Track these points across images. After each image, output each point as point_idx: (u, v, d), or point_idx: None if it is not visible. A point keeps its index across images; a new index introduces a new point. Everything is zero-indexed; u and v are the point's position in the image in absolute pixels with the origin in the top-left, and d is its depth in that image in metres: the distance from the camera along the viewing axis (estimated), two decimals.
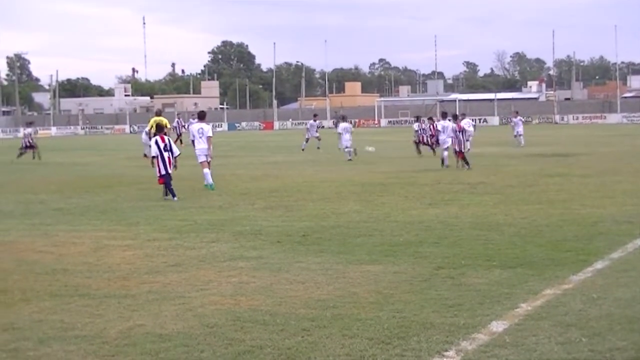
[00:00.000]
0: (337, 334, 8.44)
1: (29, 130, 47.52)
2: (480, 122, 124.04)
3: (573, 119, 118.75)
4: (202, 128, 26.35)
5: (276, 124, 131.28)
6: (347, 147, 39.31)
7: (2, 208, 20.91)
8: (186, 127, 57.35)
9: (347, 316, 9.12)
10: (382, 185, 24.96)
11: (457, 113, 39.36)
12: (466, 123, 34.51)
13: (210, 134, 26.21)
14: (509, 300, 9.68)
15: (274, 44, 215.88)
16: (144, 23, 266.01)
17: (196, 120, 28.84)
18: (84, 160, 44.66)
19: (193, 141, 28.26)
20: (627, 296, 9.73)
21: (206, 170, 25.67)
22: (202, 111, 28.63)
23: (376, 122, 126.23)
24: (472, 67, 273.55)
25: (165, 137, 23.38)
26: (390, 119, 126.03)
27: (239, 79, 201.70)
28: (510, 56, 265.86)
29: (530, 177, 26.76)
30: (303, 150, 48.86)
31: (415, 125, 45.20)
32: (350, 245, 14.02)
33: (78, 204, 21.54)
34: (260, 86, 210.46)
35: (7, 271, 12.32)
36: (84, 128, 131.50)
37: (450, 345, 7.98)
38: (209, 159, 26.10)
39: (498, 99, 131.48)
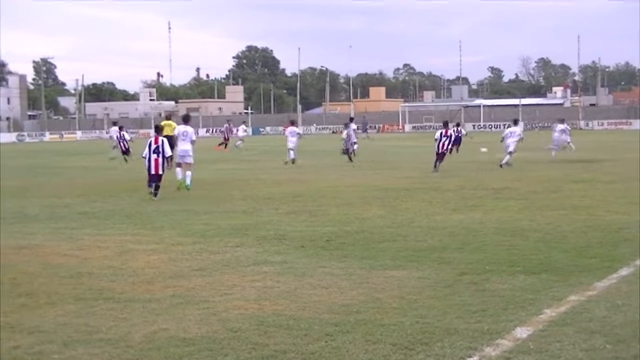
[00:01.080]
0: (360, 339, 8.44)
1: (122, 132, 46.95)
2: (505, 127, 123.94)
3: (598, 125, 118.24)
4: (186, 131, 27.85)
5: (300, 129, 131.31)
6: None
7: (28, 212, 21.01)
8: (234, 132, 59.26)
9: (371, 321, 9.12)
10: (405, 191, 24.93)
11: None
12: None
13: (194, 138, 27.82)
14: (533, 306, 9.65)
15: (299, 48, 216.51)
16: (169, 27, 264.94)
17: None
18: (108, 164, 44.78)
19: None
20: None
21: (178, 169, 27.17)
22: (187, 115, 30.30)
23: (400, 127, 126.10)
24: (496, 72, 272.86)
25: (160, 139, 24.51)
26: (414, 124, 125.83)
27: (264, 83, 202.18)
28: (535, 62, 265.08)
29: (555, 183, 26.67)
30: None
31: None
32: (373, 250, 14.01)
33: (103, 207, 21.63)
34: (285, 91, 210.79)
35: (33, 274, 12.39)
36: (109, 132, 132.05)
37: (474, 351, 7.96)
38: (190, 161, 27.36)
39: (523, 105, 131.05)
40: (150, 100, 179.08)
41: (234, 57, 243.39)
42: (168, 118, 43.92)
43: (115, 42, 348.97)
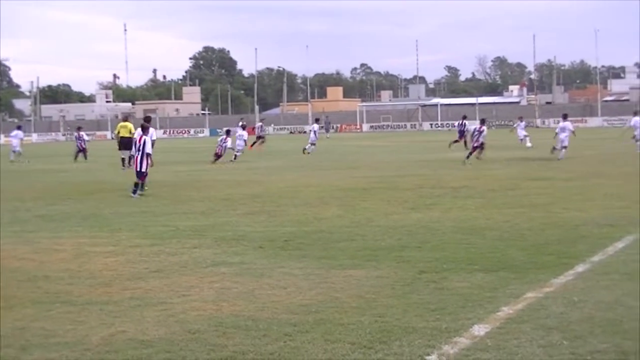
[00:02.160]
0: (319, 338, 8.44)
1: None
2: (457, 124, 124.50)
3: (554, 123, 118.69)
4: (140, 132, 27.42)
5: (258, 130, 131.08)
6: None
7: None
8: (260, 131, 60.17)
9: (330, 321, 9.13)
10: (364, 190, 24.98)
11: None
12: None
13: (154, 138, 29.45)
14: (491, 304, 9.71)
15: (256, 49, 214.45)
16: (125, 29, 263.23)
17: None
18: (65, 167, 44.49)
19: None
20: (608, 299, 9.77)
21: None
22: (148, 116, 30.46)
23: (358, 127, 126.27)
24: (453, 71, 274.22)
25: (143, 138, 25.21)
26: (372, 124, 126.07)
27: (221, 84, 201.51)
28: (492, 60, 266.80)
29: (513, 181, 26.83)
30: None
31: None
32: (332, 250, 14.03)
33: (60, 210, 21.46)
34: (242, 92, 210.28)
35: None
36: (65, 134, 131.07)
37: (432, 349, 7.99)
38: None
39: (480, 103, 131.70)
40: (107, 102, 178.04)
41: (190, 58, 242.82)
42: (125, 120, 44.14)
43: (71, 43, 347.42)
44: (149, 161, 25.45)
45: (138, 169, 25.31)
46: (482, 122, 42.16)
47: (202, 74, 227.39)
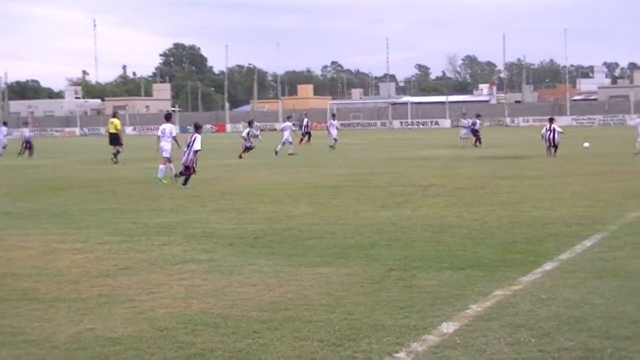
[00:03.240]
0: (288, 336, 8.44)
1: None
2: (432, 124, 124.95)
3: (523, 122, 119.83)
4: (164, 128, 30.35)
5: (228, 127, 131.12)
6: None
7: None
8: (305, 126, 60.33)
9: (299, 318, 9.13)
10: (334, 188, 25.00)
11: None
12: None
13: (174, 134, 30.26)
14: (460, 302, 9.74)
15: (226, 46, 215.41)
16: (95, 25, 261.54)
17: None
18: (33, 163, 44.25)
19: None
20: (575, 297, 9.83)
21: (161, 166, 29.15)
22: (169, 112, 33.32)
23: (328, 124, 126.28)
24: (424, 70, 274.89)
25: (194, 135, 26.99)
26: (342, 122, 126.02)
27: (191, 81, 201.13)
28: (462, 59, 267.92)
29: (482, 179, 26.94)
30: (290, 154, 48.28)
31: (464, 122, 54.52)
32: (302, 247, 14.03)
33: (28, 207, 21.34)
34: (213, 89, 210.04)
35: None
36: (33, 131, 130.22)
37: (401, 346, 8.01)
38: (166, 155, 29.60)
39: (450, 102, 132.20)
40: (76, 98, 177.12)
41: (160, 55, 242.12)
42: (113, 116, 44.81)
43: (40, 39, 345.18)
44: (193, 157, 26.62)
45: (184, 163, 26.66)
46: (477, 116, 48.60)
47: (172, 70, 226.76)
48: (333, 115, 53.32)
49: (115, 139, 42.88)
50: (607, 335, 8.21)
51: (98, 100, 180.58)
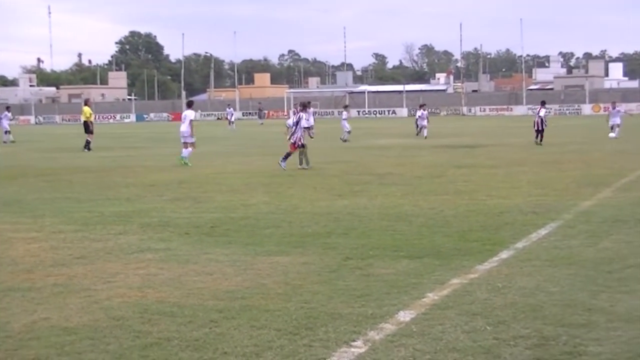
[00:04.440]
0: (245, 325, 8.43)
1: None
2: (389, 113, 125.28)
3: (480, 111, 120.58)
4: (186, 114, 32.17)
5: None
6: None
7: None
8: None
9: (255, 307, 9.12)
10: (291, 177, 25.00)
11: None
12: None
13: (192, 118, 31.79)
14: (416, 290, 9.77)
15: (183, 34, 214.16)
16: (50, 12, 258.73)
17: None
18: None
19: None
20: (530, 285, 9.90)
21: (184, 150, 31.07)
22: (190, 100, 35.79)
23: (285, 113, 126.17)
24: (381, 58, 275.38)
25: (299, 114, 28.88)
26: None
27: (147, 69, 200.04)
28: (419, 48, 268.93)
29: (439, 168, 27.06)
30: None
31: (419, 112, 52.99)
32: (258, 236, 14.01)
33: None
34: (169, 77, 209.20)
35: None
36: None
37: (358, 335, 8.02)
38: (189, 140, 31.23)
39: (407, 91, 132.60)
40: (31, 86, 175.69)
41: (116, 43, 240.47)
42: (85, 104, 45.02)
43: None
44: (301, 134, 28.31)
45: (294, 141, 28.23)
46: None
47: (128, 58, 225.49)
48: (345, 107, 52.11)
49: (85, 127, 43.20)
50: (561, 322, 8.27)
51: (53, 89, 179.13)
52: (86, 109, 44.11)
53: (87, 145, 42.22)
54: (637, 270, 10.74)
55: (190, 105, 34.04)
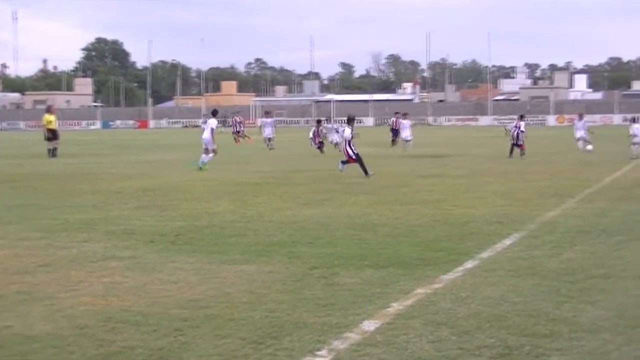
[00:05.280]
0: (209, 334, 8.41)
1: None
2: (358, 123, 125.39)
3: (446, 121, 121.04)
4: (209, 122, 33.62)
5: (151, 123, 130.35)
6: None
7: None
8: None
9: (220, 316, 9.10)
10: (257, 185, 24.97)
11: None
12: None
13: (213, 126, 33.06)
14: (381, 300, 9.79)
15: (150, 41, 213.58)
16: (15, 17, 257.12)
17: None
18: None
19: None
20: (494, 295, 9.95)
21: (203, 156, 32.34)
22: (215, 109, 36.29)
23: (252, 121, 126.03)
24: (348, 68, 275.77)
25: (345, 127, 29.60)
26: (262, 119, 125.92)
27: (114, 76, 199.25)
28: (386, 58, 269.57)
29: (405, 178, 27.13)
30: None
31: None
32: (223, 245, 13.98)
33: None
34: (136, 84, 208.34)
35: None
36: None
37: (323, 344, 8.03)
38: (211, 146, 32.61)
39: (373, 100, 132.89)
40: None
41: (82, 49, 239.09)
42: (48, 111, 44.70)
43: None
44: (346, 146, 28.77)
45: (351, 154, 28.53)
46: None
47: (94, 65, 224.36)
48: (404, 114, 51.18)
49: (46, 135, 43.13)
50: (525, 332, 8.32)
51: (17, 94, 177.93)
52: (46, 116, 43.80)
53: (53, 152, 41.97)
54: (600, 280, 10.82)
55: (214, 114, 34.81)
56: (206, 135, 32.97)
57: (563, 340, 8.09)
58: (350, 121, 30.06)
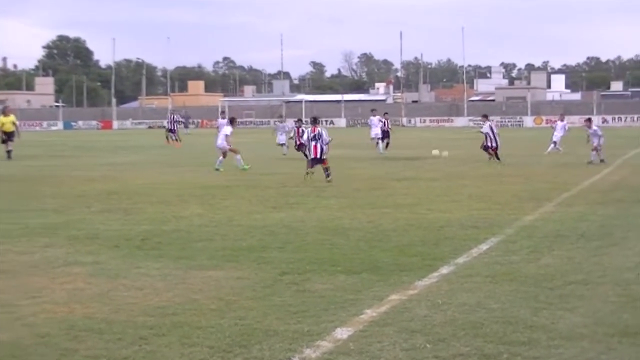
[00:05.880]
0: (176, 342, 8.39)
1: None
2: (327, 123, 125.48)
3: (420, 122, 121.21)
4: (224, 128, 34.32)
5: (115, 124, 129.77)
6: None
7: None
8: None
9: (187, 324, 9.07)
10: (225, 188, 24.93)
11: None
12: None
13: (227, 133, 33.56)
14: (354, 307, 9.79)
15: (114, 39, 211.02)
16: None
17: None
18: None
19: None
20: (471, 302, 9.97)
21: (238, 157, 33.43)
22: (233, 117, 37.58)
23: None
24: (318, 67, 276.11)
25: (317, 129, 28.15)
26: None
27: (76, 75, 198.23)
28: (358, 57, 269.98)
29: (378, 181, 27.16)
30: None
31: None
32: (191, 250, 13.95)
33: None
34: (99, 83, 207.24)
35: None
36: None
37: (294, 353, 8.02)
38: (228, 148, 33.30)
39: (345, 101, 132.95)
40: None
41: (43, 47, 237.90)
42: (2, 113, 44.06)
43: None
44: (326, 149, 27.85)
45: (319, 156, 27.63)
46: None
47: (55, 64, 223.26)
48: (372, 110, 50.36)
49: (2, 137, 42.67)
50: (502, 340, 8.35)
51: None
52: (1, 118, 43.28)
53: (8, 154, 41.68)
54: (579, 286, 10.87)
55: (231, 121, 35.81)
56: (220, 142, 33.65)
57: (541, 348, 8.12)
58: (315, 121, 29.76)
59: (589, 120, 38.46)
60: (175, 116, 63.13)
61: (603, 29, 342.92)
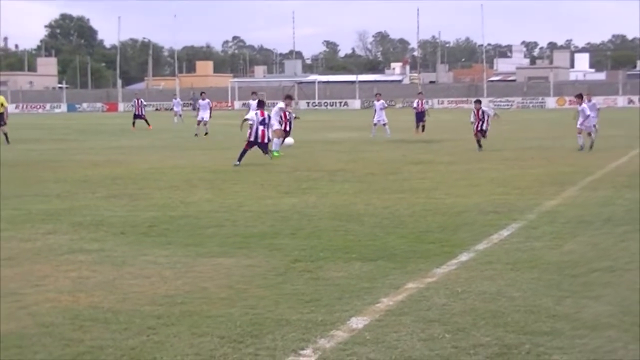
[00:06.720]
0: (185, 332, 8.39)
1: None
2: (341, 105, 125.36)
3: (438, 103, 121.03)
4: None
5: (121, 106, 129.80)
6: None
7: None
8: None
9: (197, 313, 9.08)
10: (235, 172, 24.94)
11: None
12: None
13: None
14: (370, 295, 9.78)
15: (119, 18, 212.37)
16: None
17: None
18: None
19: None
20: (491, 290, 9.96)
21: (275, 140, 32.30)
22: (261, 100, 33.28)
23: (229, 104, 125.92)
24: (332, 46, 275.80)
25: (265, 113, 28.71)
26: (244, 101, 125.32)
27: (80, 55, 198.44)
28: (373, 36, 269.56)
29: (393, 164, 27.13)
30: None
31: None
32: (200, 236, 13.96)
33: None
34: (103, 64, 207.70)
35: None
36: None
37: (307, 343, 8.02)
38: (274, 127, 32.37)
39: (360, 81, 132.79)
40: None
41: (46, 26, 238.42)
42: None
43: None
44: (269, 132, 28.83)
45: (266, 140, 28.68)
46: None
47: (58, 43, 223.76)
48: (377, 95, 50.00)
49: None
50: (524, 330, 8.33)
51: None
52: None
53: (6, 137, 41.63)
54: (604, 274, 10.84)
55: (260, 104, 30.69)
56: (276, 125, 33.26)
57: (564, 338, 8.10)
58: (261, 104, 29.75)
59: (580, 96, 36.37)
60: (141, 100, 61.77)
61: (629, 5, 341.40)
